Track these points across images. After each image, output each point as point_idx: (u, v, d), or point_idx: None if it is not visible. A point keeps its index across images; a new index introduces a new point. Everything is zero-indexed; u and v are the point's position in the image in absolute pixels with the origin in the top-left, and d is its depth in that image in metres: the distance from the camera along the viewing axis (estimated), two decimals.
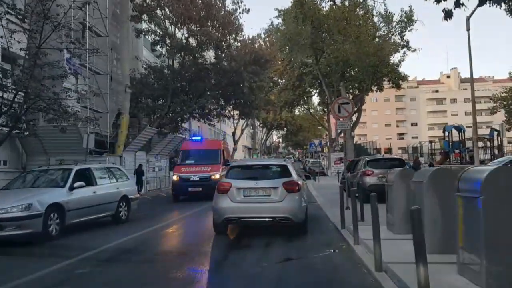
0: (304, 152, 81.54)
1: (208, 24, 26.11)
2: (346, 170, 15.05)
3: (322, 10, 29.06)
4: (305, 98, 45.46)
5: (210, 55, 29.46)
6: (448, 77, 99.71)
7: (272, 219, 8.26)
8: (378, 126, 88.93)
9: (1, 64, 15.12)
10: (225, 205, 8.36)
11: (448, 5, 10.22)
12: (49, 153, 17.91)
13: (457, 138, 32.05)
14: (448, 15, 10.03)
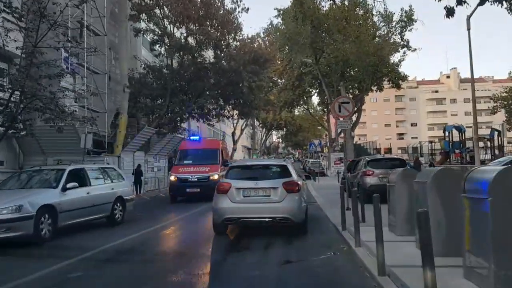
0: (304, 152, 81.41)
1: (207, 23, 25.94)
2: (346, 170, 14.92)
3: (321, 9, 28.94)
4: (305, 98, 45.27)
5: (209, 54, 29.31)
6: (448, 77, 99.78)
7: (272, 219, 8.25)
8: (377, 126, 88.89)
9: None
10: (225, 205, 8.35)
11: (450, 2, 10.08)
12: (46, 153, 17.73)
13: (457, 138, 31.94)
14: (450, 12, 9.92)
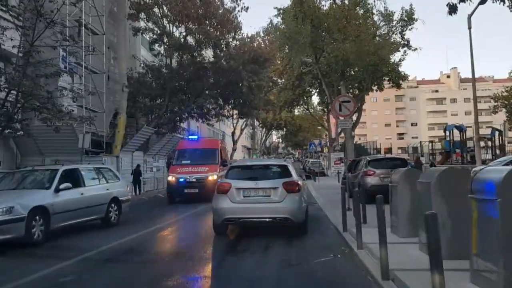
0: (304, 152, 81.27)
1: (206, 22, 25.83)
2: (347, 170, 14.77)
3: (321, 8, 28.74)
4: (305, 98, 45.11)
5: (208, 54, 29.17)
6: (448, 77, 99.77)
7: (272, 220, 8.20)
8: (378, 126, 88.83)
9: None
10: (225, 205, 8.30)
11: None
12: (44, 153, 17.58)
13: (457, 138, 31.81)
14: (452, 9, 9.85)
